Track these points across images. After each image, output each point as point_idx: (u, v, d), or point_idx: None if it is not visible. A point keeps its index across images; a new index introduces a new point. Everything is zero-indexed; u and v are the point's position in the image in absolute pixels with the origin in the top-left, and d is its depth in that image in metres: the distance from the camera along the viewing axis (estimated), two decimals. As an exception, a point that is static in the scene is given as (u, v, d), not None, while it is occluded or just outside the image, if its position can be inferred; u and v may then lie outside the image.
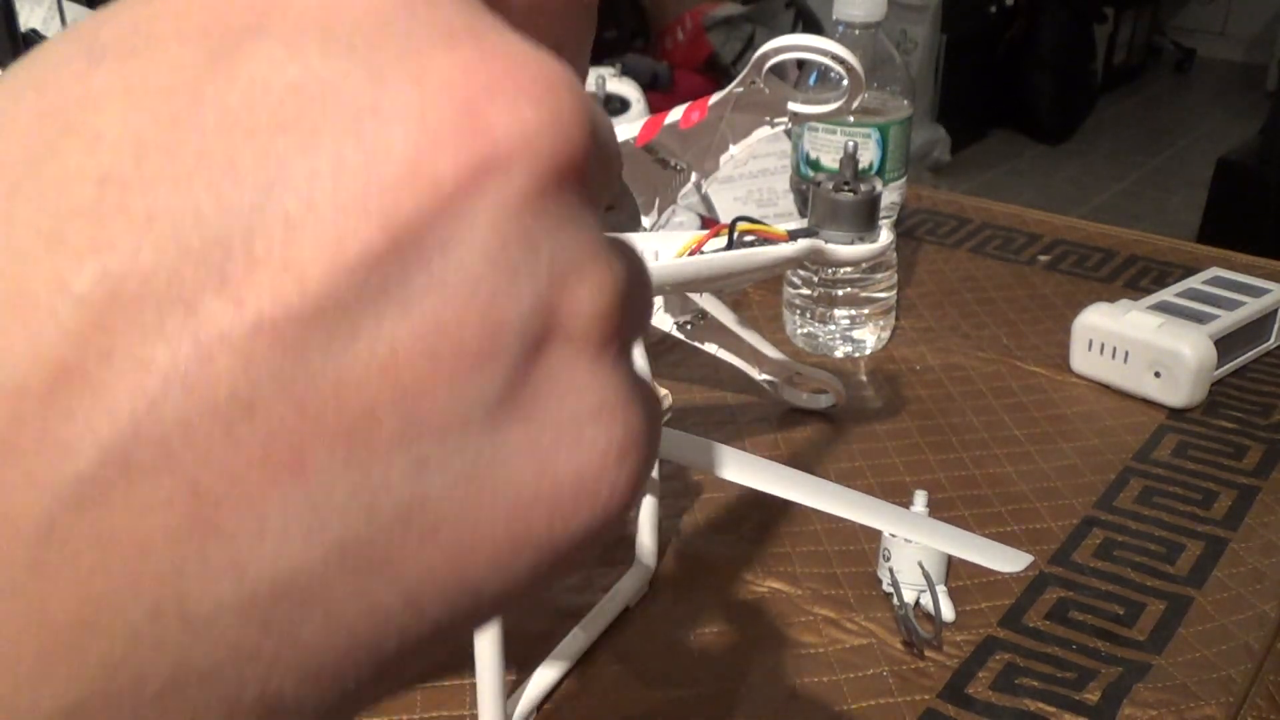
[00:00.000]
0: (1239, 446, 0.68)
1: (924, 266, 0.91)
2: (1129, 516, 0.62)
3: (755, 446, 0.68)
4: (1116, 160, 3.45)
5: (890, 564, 0.54)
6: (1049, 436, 0.69)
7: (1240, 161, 2.54)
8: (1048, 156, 3.47)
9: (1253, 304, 0.75)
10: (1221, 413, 0.71)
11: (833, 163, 0.74)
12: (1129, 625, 0.54)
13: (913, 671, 0.52)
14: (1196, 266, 0.85)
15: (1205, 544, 0.60)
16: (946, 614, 0.54)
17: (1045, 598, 0.56)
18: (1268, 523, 0.61)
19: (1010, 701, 0.50)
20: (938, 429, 0.70)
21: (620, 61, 1.12)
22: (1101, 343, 0.73)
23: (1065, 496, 0.63)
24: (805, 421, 0.70)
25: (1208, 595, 0.56)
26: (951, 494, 0.64)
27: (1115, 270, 0.90)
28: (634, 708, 0.50)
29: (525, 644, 0.51)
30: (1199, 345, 0.70)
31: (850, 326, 0.78)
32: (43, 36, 0.88)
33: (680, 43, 2.60)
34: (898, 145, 0.75)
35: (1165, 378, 0.70)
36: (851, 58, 0.48)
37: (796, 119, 0.53)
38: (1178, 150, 3.50)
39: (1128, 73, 3.99)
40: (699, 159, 0.57)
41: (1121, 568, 0.58)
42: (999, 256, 0.93)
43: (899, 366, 0.77)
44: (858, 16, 0.73)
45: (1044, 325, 0.82)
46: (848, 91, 0.50)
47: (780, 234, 0.51)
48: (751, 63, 0.50)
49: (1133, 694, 0.50)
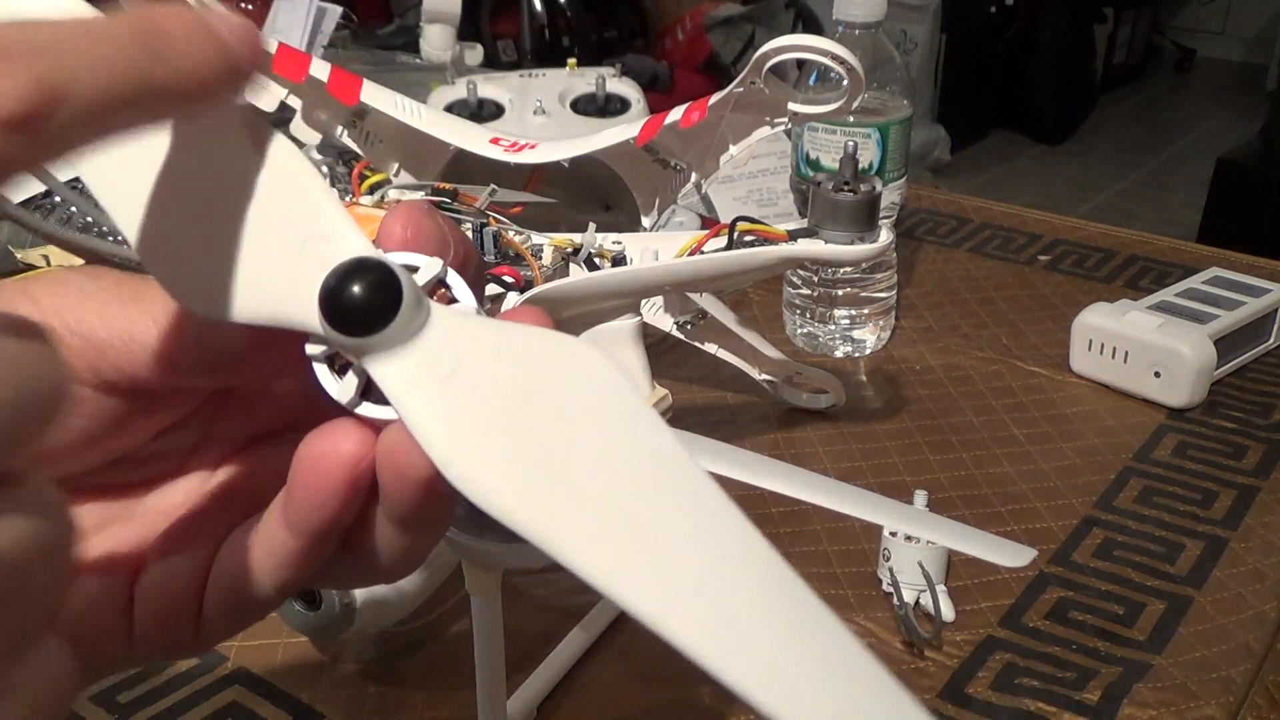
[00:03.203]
0: (1239, 446, 0.68)
1: (924, 266, 0.91)
2: (1129, 516, 0.62)
3: (755, 446, 0.68)
4: (1116, 160, 3.45)
5: (890, 564, 0.54)
6: (1049, 436, 0.69)
7: (1240, 161, 2.54)
8: (1048, 156, 3.47)
9: (1253, 304, 0.75)
10: (1221, 413, 0.71)
11: (833, 163, 0.74)
12: (1129, 625, 0.54)
13: (913, 671, 0.52)
14: (1196, 266, 0.85)
15: (1205, 544, 0.60)
16: (946, 614, 0.54)
17: (1045, 597, 0.56)
18: (1268, 523, 0.61)
19: (1010, 701, 0.50)
20: (938, 429, 0.70)
21: (620, 61, 1.12)
22: (1101, 343, 0.73)
23: (1065, 496, 0.63)
24: (805, 421, 0.70)
25: (1208, 595, 0.56)
26: (951, 494, 0.64)
27: (1115, 270, 0.90)
28: (634, 708, 0.50)
29: (525, 644, 0.51)
30: (1199, 345, 0.70)
31: (850, 326, 0.78)
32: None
33: (680, 43, 2.60)
34: (898, 145, 0.75)
35: (1165, 378, 0.70)
36: (851, 58, 0.48)
37: (796, 119, 0.53)
38: (1178, 150, 3.50)
39: (1128, 73, 3.99)
40: (699, 159, 0.57)
41: (1121, 567, 0.58)
42: (999, 256, 0.93)
43: (899, 366, 0.77)
44: (858, 16, 0.73)
45: (1044, 325, 0.82)
46: (848, 91, 0.50)
47: (780, 234, 0.51)
48: (751, 63, 0.50)
49: (1133, 694, 0.50)
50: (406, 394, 0.21)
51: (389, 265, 0.21)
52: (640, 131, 0.54)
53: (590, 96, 0.87)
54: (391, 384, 0.21)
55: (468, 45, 1.23)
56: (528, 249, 0.51)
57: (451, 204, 0.53)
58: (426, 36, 1.20)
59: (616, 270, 0.50)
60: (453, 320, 0.22)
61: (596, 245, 0.51)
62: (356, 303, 0.21)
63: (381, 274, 0.21)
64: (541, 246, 0.51)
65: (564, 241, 0.51)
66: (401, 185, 0.57)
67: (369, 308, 0.21)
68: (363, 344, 0.21)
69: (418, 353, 0.21)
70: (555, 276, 0.49)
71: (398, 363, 0.21)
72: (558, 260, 0.50)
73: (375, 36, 1.81)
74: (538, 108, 0.85)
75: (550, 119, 0.85)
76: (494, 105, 0.87)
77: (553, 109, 0.86)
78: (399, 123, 0.57)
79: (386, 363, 0.21)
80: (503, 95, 0.87)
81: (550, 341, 0.22)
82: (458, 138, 0.58)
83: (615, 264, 0.51)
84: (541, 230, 0.52)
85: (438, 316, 0.22)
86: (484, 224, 0.51)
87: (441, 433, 0.21)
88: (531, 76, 0.89)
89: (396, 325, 0.21)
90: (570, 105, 0.87)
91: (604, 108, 0.87)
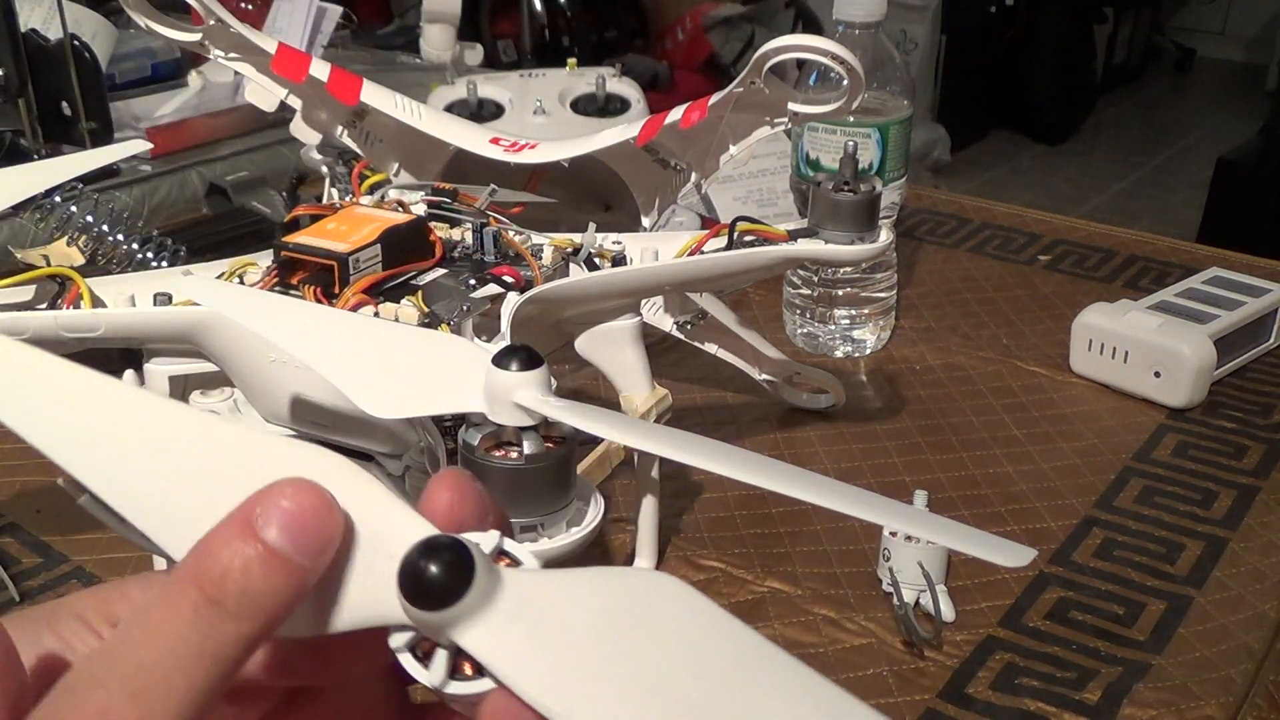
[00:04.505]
0: (1239, 446, 0.68)
1: (924, 266, 0.91)
2: (1129, 516, 0.62)
3: (755, 446, 0.68)
4: (1116, 160, 3.45)
5: (890, 564, 0.54)
6: (1049, 436, 0.69)
7: (1240, 161, 2.54)
8: (1048, 156, 3.47)
9: (1253, 304, 0.75)
10: (1221, 413, 0.71)
11: (833, 163, 0.74)
12: (1129, 625, 0.54)
13: (913, 671, 0.52)
14: (1196, 266, 0.85)
15: (1205, 544, 0.60)
16: (946, 614, 0.54)
17: (1045, 597, 0.56)
18: (1268, 523, 0.61)
19: (1010, 701, 0.50)
20: (938, 429, 0.70)
21: (620, 61, 1.12)
22: (1101, 343, 0.73)
23: (1065, 496, 0.63)
24: (805, 421, 0.70)
25: (1208, 595, 0.56)
26: (951, 494, 0.64)
27: (1115, 270, 0.90)
28: (634, 708, 0.50)
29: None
30: (1199, 345, 0.70)
31: (850, 326, 0.78)
32: (43, 36, 0.88)
33: (680, 43, 2.60)
34: (898, 145, 0.75)
35: (1165, 378, 0.70)
36: (851, 58, 0.48)
37: (796, 119, 0.53)
38: (1178, 150, 3.50)
39: (1128, 73, 3.99)
40: (699, 159, 0.57)
41: (1121, 568, 0.58)
42: (999, 256, 0.93)
43: (899, 366, 0.77)
44: (858, 16, 0.73)
45: (1044, 325, 0.82)
46: (848, 91, 0.50)
47: (780, 234, 0.51)
48: (751, 63, 0.50)
49: (1133, 694, 0.50)
50: (498, 653, 0.22)
51: (456, 538, 0.22)
52: (640, 131, 0.54)
53: (590, 96, 0.87)
54: (482, 647, 0.22)
55: (468, 45, 1.23)
56: (528, 249, 0.51)
57: (451, 204, 0.53)
58: (426, 36, 1.20)
59: (616, 270, 0.50)
60: (523, 578, 0.23)
61: (596, 245, 0.51)
62: (434, 577, 0.22)
63: (452, 547, 0.22)
64: (541, 246, 0.51)
65: (564, 241, 0.51)
66: (401, 185, 0.57)
67: (447, 579, 0.22)
68: (446, 617, 0.22)
69: (499, 615, 0.22)
70: (555, 276, 0.49)
71: (483, 626, 0.22)
72: (558, 260, 0.50)
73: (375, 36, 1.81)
74: (538, 108, 0.85)
75: (550, 119, 0.85)
76: (494, 105, 0.87)
77: (553, 109, 0.86)
78: (399, 123, 0.57)
79: (472, 630, 0.22)
80: (503, 95, 0.87)
81: (616, 576, 0.24)
82: (458, 138, 0.58)
83: (615, 264, 0.51)
84: (541, 230, 0.52)
85: (508, 578, 0.23)
86: (484, 224, 0.51)
87: (542, 685, 0.22)
88: (531, 76, 0.89)
89: (475, 592, 0.22)
90: (570, 105, 0.87)
91: (604, 108, 0.87)
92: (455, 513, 0.25)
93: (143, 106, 1.08)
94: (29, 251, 0.65)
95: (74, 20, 0.92)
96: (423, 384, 0.33)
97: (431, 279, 0.48)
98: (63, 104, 0.89)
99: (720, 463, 0.27)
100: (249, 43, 0.57)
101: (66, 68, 0.88)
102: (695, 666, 0.22)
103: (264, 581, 0.22)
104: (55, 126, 0.90)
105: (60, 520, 0.60)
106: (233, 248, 0.56)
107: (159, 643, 0.22)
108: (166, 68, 1.17)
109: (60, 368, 0.26)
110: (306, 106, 0.59)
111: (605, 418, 0.30)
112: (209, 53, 0.58)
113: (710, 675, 0.22)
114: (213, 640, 0.22)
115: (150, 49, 1.16)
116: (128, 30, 1.09)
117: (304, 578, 0.22)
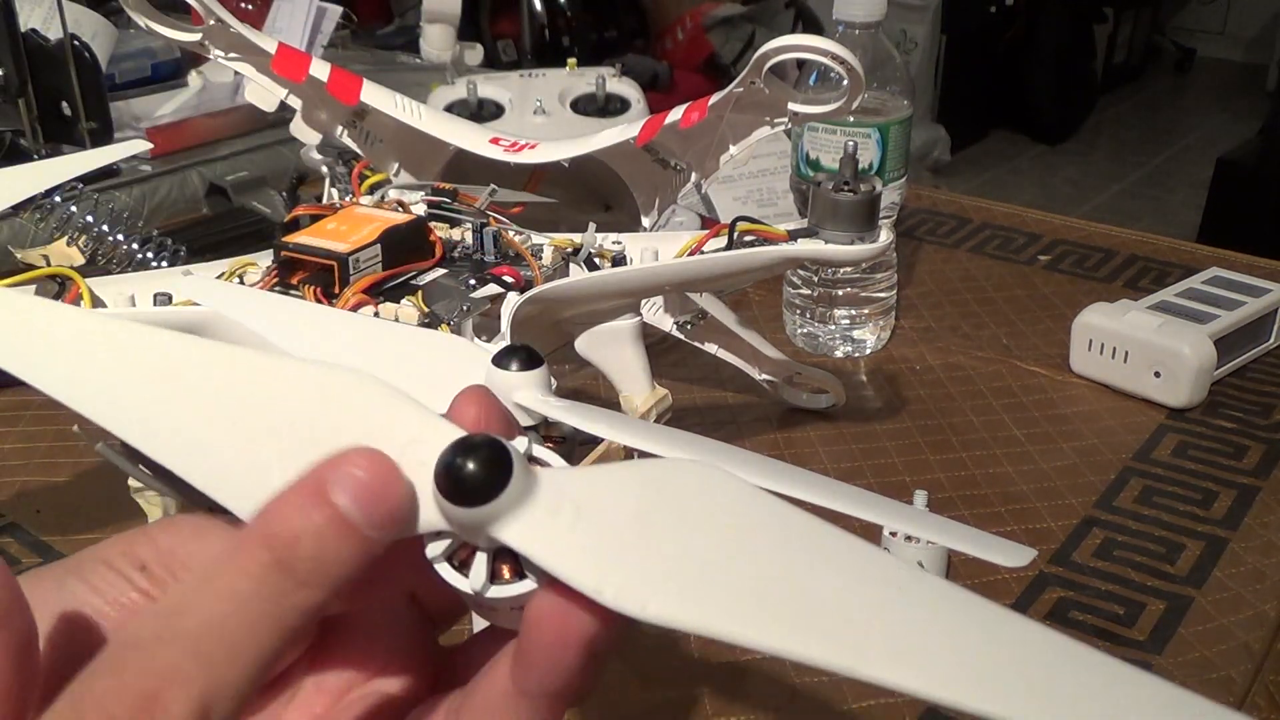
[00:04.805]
0: (1239, 446, 0.68)
1: (924, 266, 0.91)
2: (1129, 516, 0.62)
3: (755, 446, 0.68)
4: (1116, 160, 3.45)
5: (890, 564, 0.54)
6: (1049, 436, 0.69)
7: (1240, 161, 2.54)
8: (1048, 156, 3.47)
9: (1253, 304, 0.75)
10: (1221, 413, 0.71)
11: (833, 163, 0.74)
12: (1129, 625, 0.54)
13: (913, 671, 0.52)
14: (1196, 266, 0.85)
15: (1205, 544, 0.60)
16: (946, 614, 0.54)
17: (1045, 597, 0.56)
18: (1268, 523, 0.61)
19: (1010, 701, 0.50)
20: (938, 429, 0.70)
21: (620, 61, 1.12)
22: (1101, 343, 0.73)
23: (1065, 496, 0.63)
24: (805, 421, 0.70)
25: (1208, 595, 0.56)
26: (951, 494, 0.64)
27: (1115, 270, 0.90)
28: (634, 708, 0.50)
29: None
30: (1199, 345, 0.70)
31: (850, 326, 0.78)
32: (43, 36, 0.88)
33: (680, 43, 2.60)
34: (898, 145, 0.75)
35: (1165, 378, 0.70)
36: (851, 58, 0.48)
37: (796, 119, 0.53)
38: (1178, 150, 3.50)
39: (1128, 73, 3.99)
40: (699, 159, 0.57)
41: (1121, 568, 0.58)
42: (999, 256, 0.93)
43: (899, 366, 0.77)
44: (858, 16, 0.73)
45: (1044, 325, 0.82)
46: (848, 91, 0.50)
47: (780, 234, 0.51)
48: (751, 63, 0.50)
49: (1133, 694, 0.50)
50: (542, 545, 0.22)
51: (492, 436, 0.22)
52: (640, 131, 0.54)
53: (590, 96, 0.87)
54: (525, 540, 0.22)
55: (468, 45, 1.23)
56: (528, 249, 0.51)
57: (451, 204, 0.53)
58: (426, 36, 1.20)
59: (616, 270, 0.50)
60: (558, 475, 0.23)
61: (596, 245, 0.51)
62: (473, 473, 0.22)
63: (488, 444, 0.22)
64: (541, 246, 0.51)
65: (564, 241, 0.51)
66: (401, 185, 0.57)
67: (486, 474, 0.22)
68: (486, 513, 0.22)
69: (539, 508, 0.22)
70: (555, 276, 0.49)
71: (524, 520, 0.22)
72: (558, 260, 0.50)
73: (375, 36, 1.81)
74: (538, 108, 0.85)
75: (550, 119, 0.85)
76: (494, 105, 0.87)
77: (553, 109, 0.86)
78: (399, 123, 0.57)
79: (512, 525, 0.22)
80: (503, 95, 0.87)
81: (652, 466, 0.24)
82: (458, 138, 0.58)
83: (615, 264, 0.51)
84: (541, 230, 0.52)
85: (544, 475, 0.23)
86: (484, 224, 0.51)
87: (586, 566, 0.22)
88: (531, 76, 0.89)
89: (513, 487, 0.22)
90: (570, 105, 0.87)
91: (604, 108, 0.87)
92: (482, 426, 0.24)
93: (143, 106, 1.08)
94: (29, 251, 0.65)
95: (74, 20, 0.93)
96: (422, 384, 0.33)
97: (431, 279, 0.48)
98: (63, 104, 0.89)
99: (720, 463, 0.27)
100: (249, 43, 0.57)
101: (66, 68, 0.88)
102: (743, 543, 0.22)
103: (335, 549, 0.22)
104: (55, 126, 0.90)
105: (60, 520, 0.60)
106: (233, 248, 0.56)
107: (226, 603, 0.21)
108: (166, 68, 1.17)
109: (86, 317, 0.26)
110: (306, 106, 0.59)
111: (605, 418, 0.30)
112: (209, 53, 0.58)
113: (759, 551, 0.22)
114: (280, 605, 0.21)
115: (150, 49, 1.16)
116: (128, 30, 1.09)
117: (371, 550, 0.22)
